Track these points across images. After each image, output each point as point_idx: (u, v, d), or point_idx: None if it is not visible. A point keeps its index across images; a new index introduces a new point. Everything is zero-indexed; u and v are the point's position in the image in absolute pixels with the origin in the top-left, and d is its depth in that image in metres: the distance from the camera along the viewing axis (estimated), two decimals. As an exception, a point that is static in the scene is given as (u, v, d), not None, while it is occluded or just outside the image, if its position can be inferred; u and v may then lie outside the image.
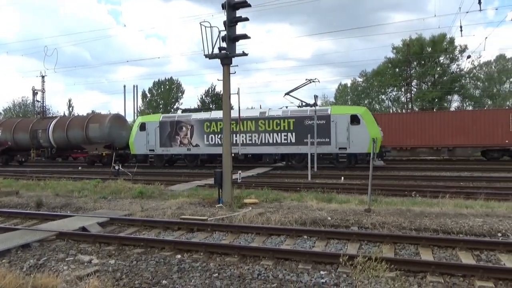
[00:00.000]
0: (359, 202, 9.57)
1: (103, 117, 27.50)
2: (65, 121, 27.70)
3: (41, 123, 28.65)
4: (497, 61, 49.13)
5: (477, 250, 6.02)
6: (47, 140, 27.63)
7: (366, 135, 19.59)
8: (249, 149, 22.03)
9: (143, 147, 24.06)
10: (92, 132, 26.11)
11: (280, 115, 21.66)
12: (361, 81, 54.47)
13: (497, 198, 9.95)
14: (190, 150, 23.19)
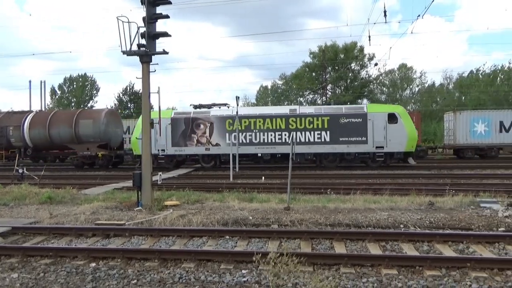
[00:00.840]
0: (279, 201, 9.89)
1: (98, 112, 23.80)
2: (45, 116, 23.27)
3: (11, 118, 23.78)
4: (400, 69, 54.35)
5: (383, 241, 6.59)
6: (21, 138, 23.09)
7: (404, 133, 19.63)
8: (278, 148, 20.57)
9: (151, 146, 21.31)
10: (84, 129, 22.29)
11: (313, 113, 20.63)
12: (281, 83, 56.43)
13: (400, 193, 10.99)
14: (209, 150, 20.97)
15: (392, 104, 23.45)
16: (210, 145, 20.92)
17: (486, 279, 4.84)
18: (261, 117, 20.65)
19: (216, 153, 21.03)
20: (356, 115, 19.97)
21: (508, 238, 6.43)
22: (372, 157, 20.14)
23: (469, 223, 7.66)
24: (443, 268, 5.22)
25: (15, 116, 24.10)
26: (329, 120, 20.09)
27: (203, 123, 21.05)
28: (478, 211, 8.38)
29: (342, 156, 20.50)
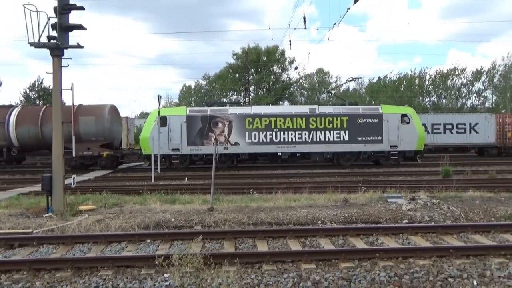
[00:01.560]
0: (202, 202, 9.82)
1: (100, 108, 20.91)
2: (36, 112, 20.18)
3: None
4: (318, 73, 57.40)
5: (303, 238, 6.89)
6: (5, 137, 19.91)
7: (415, 133, 20.63)
8: (298, 147, 20.42)
9: (164, 145, 19.24)
10: (85, 127, 19.83)
11: (332, 113, 20.71)
12: (204, 83, 56.11)
13: (318, 191, 11.59)
14: (227, 149, 20.08)
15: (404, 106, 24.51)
16: (229, 144, 20.17)
17: (393, 267, 5.32)
18: (281, 116, 20.51)
19: (234, 152, 20.42)
20: (372, 116, 20.73)
21: (410, 229, 7.14)
22: (386, 156, 20.95)
23: (378, 217, 8.35)
24: (356, 259, 5.62)
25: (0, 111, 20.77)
26: (347, 120, 20.53)
27: (221, 122, 20.19)
28: (385, 205, 9.18)
29: (359, 154, 20.97)
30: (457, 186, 11.75)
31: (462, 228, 7.22)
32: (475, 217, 8.32)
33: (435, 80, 52.18)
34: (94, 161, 20.61)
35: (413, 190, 11.53)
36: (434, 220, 8.15)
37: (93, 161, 20.61)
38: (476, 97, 52.21)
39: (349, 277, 4.94)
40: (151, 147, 17.68)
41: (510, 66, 51.98)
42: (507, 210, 8.61)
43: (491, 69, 52.13)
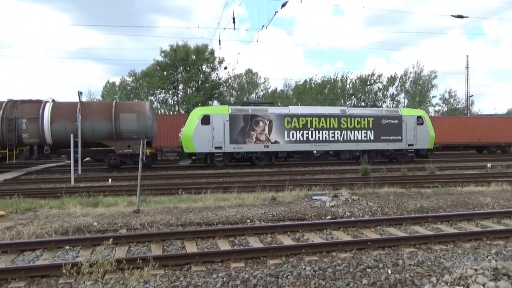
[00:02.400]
0: (128, 204, 9.40)
1: (140, 105, 20.58)
2: (72, 108, 18.25)
3: (23, 109, 18.36)
4: (247, 74, 58.13)
5: (232, 237, 6.93)
6: (39, 133, 18.16)
7: (428, 133, 23.15)
8: (332, 146, 21.78)
9: (206, 144, 19.85)
10: (126, 124, 18.98)
11: (360, 114, 22.39)
12: (130, 80, 53.78)
13: (247, 190, 11.74)
14: (268, 147, 20.88)
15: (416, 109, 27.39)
16: (269, 143, 20.92)
17: (317, 261, 5.58)
18: (316, 116, 21.72)
19: (274, 150, 21.22)
20: (393, 117, 22.89)
21: (333, 224, 7.55)
22: (405, 153, 23.01)
23: (304, 214, 8.70)
24: (283, 256, 5.80)
25: (29, 106, 18.71)
26: (373, 120, 22.41)
27: (262, 121, 20.89)
28: (311, 203, 9.59)
29: (382, 152, 22.83)
30: (374, 183, 12.68)
31: (378, 222, 7.81)
32: (389, 211, 9.04)
33: (355, 84, 55.83)
34: (134, 159, 19.41)
35: (336, 188, 12.21)
36: (354, 215, 8.70)
37: (133, 159, 19.56)
38: (391, 100, 56.81)
39: (276, 273, 5.08)
40: (193, 145, 19.42)
41: (419, 73, 57.49)
42: (416, 204, 9.49)
43: (403, 75, 57.20)
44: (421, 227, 7.67)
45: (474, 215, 8.33)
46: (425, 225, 7.77)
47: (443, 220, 8.05)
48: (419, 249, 6.17)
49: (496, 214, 8.43)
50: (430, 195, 10.69)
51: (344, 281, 4.84)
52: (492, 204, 9.71)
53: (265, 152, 21.27)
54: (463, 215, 8.35)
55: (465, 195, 10.56)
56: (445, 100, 59.73)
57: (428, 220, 7.97)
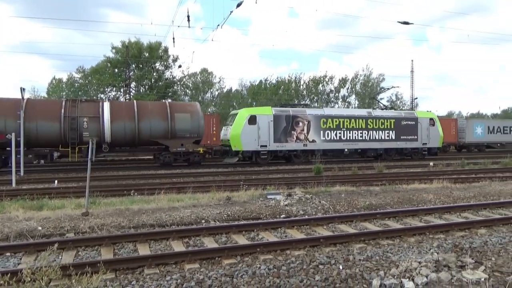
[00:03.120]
0: (76, 206, 8.98)
1: (192, 105, 21.60)
2: (130, 107, 19.66)
3: (83, 108, 18.91)
4: (202, 73, 57.55)
5: (187, 238, 6.84)
6: (99, 132, 18.68)
7: (438, 133, 26.25)
8: (360, 144, 24.09)
9: (253, 142, 21.38)
10: (181, 123, 20.02)
11: (383, 115, 24.94)
12: (79, 77, 51.34)
13: (202, 190, 11.63)
14: (306, 145, 22.77)
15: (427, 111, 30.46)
16: (308, 141, 22.77)
17: (272, 259, 5.64)
18: (348, 118, 23.95)
19: (312, 149, 22.95)
20: (411, 119, 25.50)
21: (287, 223, 7.67)
22: (420, 152, 25.87)
23: (259, 213, 8.77)
24: (238, 255, 5.81)
25: (88, 105, 19.32)
26: (394, 122, 24.95)
27: (301, 121, 22.68)
28: (265, 202, 9.68)
29: (401, 150, 25.44)
30: (327, 182, 13.05)
31: (330, 219, 8.05)
32: (341, 209, 9.35)
33: (308, 85, 57.12)
34: (187, 157, 20.75)
35: (290, 187, 12.42)
36: (307, 213, 8.90)
37: (186, 157, 20.71)
38: (342, 102, 58.73)
39: (231, 273, 5.07)
40: (242, 144, 21.10)
41: (368, 76, 59.95)
42: (365, 201, 9.89)
43: (354, 78, 59.38)
44: (370, 223, 8.00)
45: (418, 211, 8.82)
46: (374, 222, 8.12)
47: (390, 216, 8.45)
48: (368, 245, 6.44)
49: (437, 209, 8.98)
50: (379, 193, 11.18)
51: (298, 278, 4.93)
52: (434, 200, 10.34)
53: (303, 150, 23.08)
54: (408, 211, 8.81)
55: (410, 192, 11.16)
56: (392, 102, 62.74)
57: (377, 217, 8.34)
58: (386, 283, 4.65)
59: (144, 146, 20.53)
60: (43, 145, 18.46)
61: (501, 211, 9.12)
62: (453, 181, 13.99)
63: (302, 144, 22.81)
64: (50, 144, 18.48)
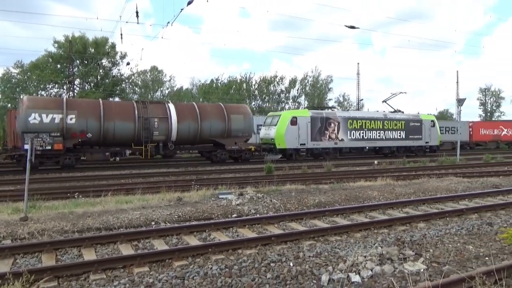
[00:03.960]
0: (13, 211, 8.39)
1: (243, 107, 24.20)
2: (192, 109, 21.46)
3: (152, 109, 20.17)
4: (152, 71, 56.08)
5: (136, 241, 6.63)
6: (167, 131, 20.23)
7: (437, 133, 30.88)
8: (378, 143, 27.85)
9: (294, 141, 24.17)
10: (236, 124, 22.19)
11: (396, 117, 28.59)
12: (17, 72, 47.94)
13: (152, 191, 11.34)
14: (337, 144, 25.86)
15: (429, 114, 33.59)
16: (338, 140, 25.95)
17: (224, 259, 5.63)
18: (369, 119, 27.46)
19: (341, 147, 26.37)
20: (417, 121, 29.63)
21: (239, 222, 7.69)
22: (423, 149, 29.90)
23: (210, 213, 8.71)
24: (189, 257, 5.73)
25: (156, 106, 21.06)
26: (404, 123, 28.93)
27: (333, 122, 25.88)
28: (217, 202, 9.64)
29: (409, 148, 29.36)
30: (278, 180, 13.25)
31: (281, 217, 8.18)
32: (291, 207, 9.53)
33: (260, 85, 57.65)
34: (239, 154, 22.78)
35: (242, 186, 12.47)
36: (259, 212, 8.98)
37: (238, 154, 22.74)
38: (292, 102, 59.96)
39: (182, 275, 5.00)
40: (285, 142, 24.01)
41: (317, 77, 61.67)
42: (315, 199, 10.17)
43: (303, 79, 60.83)
44: (319, 220, 8.24)
45: (364, 207, 9.22)
46: (323, 219, 8.37)
47: (338, 213, 8.76)
48: (318, 241, 6.63)
49: (381, 205, 9.44)
50: (327, 191, 11.54)
51: (250, 276, 4.96)
52: (378, 197, 10.87)
53: (334, 148, 26.29)
54: (355, 208, 9.18)
55: (356, 190, 11.63)
56: (339, 103, 65.05)
57: (326, 214, 8.60)
58: (334, 278, 4.81)
59: (201, 144, 22.52)
60: (118, 143, 19.87)
61: (438, 206, 9.78)
62: (395, 178, 14.79)
63: (334, 143, 26.04)
64: (124, 143, 19.87)
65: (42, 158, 17.91)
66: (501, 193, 11.41)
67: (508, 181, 14.28)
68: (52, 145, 17.84)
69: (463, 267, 5.24)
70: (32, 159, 8.35)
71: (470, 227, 7.47)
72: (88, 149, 19.63)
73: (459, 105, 25.39)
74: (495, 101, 76.38)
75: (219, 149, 22.18)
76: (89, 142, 19.22)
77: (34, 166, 16.72)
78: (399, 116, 29.29)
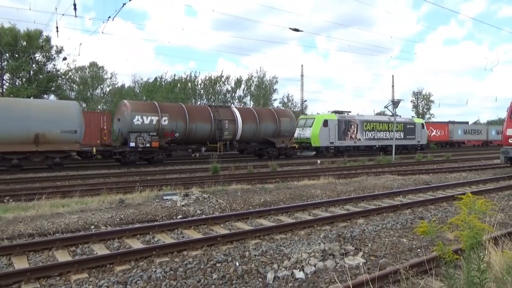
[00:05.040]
0: None
1: (289, 112, 29.13)
2: (252, 112, 25.94)
3: (222, 112, 24.19)
4: (91, 67, 53.31)
5: (73, 246, 6.27)
6: (234, 132, 24.37)
7: (426, 134, 37.95)
8: (384, 141, 33.26)
9: (326, 140, 29.29)
10: (284, 125, 26.47)
11: (397, 121, 32.11)
12: None
13: (91, 194, 10.81)
14: (355, 142, 31.43)
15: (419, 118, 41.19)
16: (356, 140, 31.33)
17: (168, 262, 5.51)
18: (378, 122, 33.46)
19: (358, 145, 31.81)
20: (411, 123, 36.15)
21: (184, 223, 7.57)
22: (416, 147, 36.15)
23: (154, 215, 8.48)
24: (132, 261, 5.53)
25: (224, 110, 24.83)
26: (403, 125, 35.05)
27: (353, 124, 31.27)
28: (161, 203, 9.41)
29: (406, 146, 35.26)
30: (224, 180, 13.24)
31: (227, 217, 8.18)
32: (237, 207, 9.56)
33: (206, 85, 57.13)
34: (285, 151, 27.07)
35: (187, 187, 12.29)
36: (205, 213, 8.91)
37: (285, 151, 27.05)
38: (238, 102, 60.15)
39: (125, 279, 4.82)
40: (319, 141, 28.93)
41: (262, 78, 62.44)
42: (260, 199, 10.29)
43: (249, 79, 61.28)
44: (265, 219, 8.35)
45: (307, 205, 9.50)
46: (268, 218, 8.50)
47: (283, 212, 8.93)
48: (263, 240, 6.71)
49: (324, 203, 9.78)
50: (273, 190, 11.74)
51: (195, 278, 4.91)
52: (321, 195, 11.25)
53: (354, 146, 31.73)
54: (299, 206, 9.42)
55: (300, 188, 11.95)
56: (284, 104, 66.36)
57: (271, 213, 8.74)
58: (279, 275, 4.91)
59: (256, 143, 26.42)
60: (197, 142, 23.35)
61: (376, 202, 10.34)
62: (337, 177, 15.41)
63: (353, 142, 31.47)
64: (202, 141, 23.31)
65: (141, 154, 21.16)
66: (431, 189, 12.33)
67: (437, 178, 15.47)
68: (150, 143, 21.12)
69: (397, 259, 5.59)
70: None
71: (404, 221, 7.99)
72: (174, 146, 22.57)
73: (394, 107, 26.99)
74: (426, 104, 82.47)
75: (269, 147, 26.43)
76: (176, 140, 22.35)
77: (133, 161, 20.88)
78: (399, 120, 34.72)
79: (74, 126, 18.68)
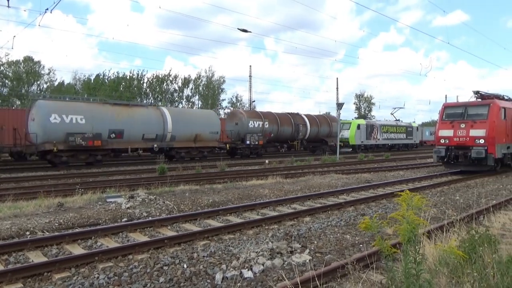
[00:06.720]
0: None
1: (333, 117, 35.36)
2: (314, 119, 33.35)
3: (298, 119, 31.94)
4: (26, 62, 49.76)
5: (5, 254, 5.82)
6: (305, 133, 32.16)
7: (419, 134, 47.43)
8: (395, 141, 42.31)
9: (358, 140, 37.15)
10: (334, 128, 32.96)
11: (401, 124, 43.57)
12: None
13: (26, 197, 10.08)
14: (376, 142, 39.43)
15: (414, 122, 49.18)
16: (377, 139, 39.32)
17: (112, 267, 5.29)
18: (389, 125, 41.38)
19: (378, 144, 39.57)
20: (410, 127, 44.72)
21: (129, 226, 7.31)
22: (414, 145, 45.52)
23: (97, 219, 8.10)
24: (72, 267, 5.24)
25: (297, 116, 32.27)
26: (405, 128, 43.79)
27: (375, 127, 39.47)
28: (105, 206, 9.01)
29: (406, 145, 44.01)
30: (171, 181, 12.96)
31: (175, 219, 8.02)
32: (185, 208, 9.41)
33: (152, 83, 55.63)
34: (334, 148, 30.28)
35: (133, 188, 11.89)
36: (151, 215, 8.66)
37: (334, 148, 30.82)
38: (186, 102, 59.30)
39: (64, 287, 4.55)
40: (354, 140, 36.73)
41: (210, 78, 62.02)
42: (209, 199, 10.21)
43: (197, 79, 60.59)
44: (213, 220, 8.30)
45: (256, 205, 9.58)
46: (217, 218, 8.45)
47: (231, 212, 8.93)
48: (212, 241, 6.67)
49: (272, 202, 9.93)
50: (221, 190, 11.69)
51: (141, 283, 4.76)
52: (269, 195, 11.39)
53: (375, 144, 39.07)
54: (247, 206, 9.47)
55: (249, 188, 12.02)
56: (232, 104, 66.45)
57: (219, 213, 8.70)
58: (228, 276, 4.90)
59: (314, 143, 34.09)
60: (282, 140, 30.93)
61: (321, 201, 10.67)
62: (284, 176, 15.70)
63: (375, 141, 39.21)
64: (285, 140, 31.04)
65: (251, 149, 28.01)
66: (372, 187, 12.97)
67: (378, 176, 16.31)
68: (258, 141, 27.95)
69: (342, 255, 5.81)
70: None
71: (348, 218, 8.33)
72: (266, 144, 29.22)
73: (338, 109, 28.05)
74: (368, 106, 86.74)
75: (323, 144, 34.10)
76: (269, 139, 29.27)
77: (245, 154, 27.58)
78: (403, 124, 44.18)
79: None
